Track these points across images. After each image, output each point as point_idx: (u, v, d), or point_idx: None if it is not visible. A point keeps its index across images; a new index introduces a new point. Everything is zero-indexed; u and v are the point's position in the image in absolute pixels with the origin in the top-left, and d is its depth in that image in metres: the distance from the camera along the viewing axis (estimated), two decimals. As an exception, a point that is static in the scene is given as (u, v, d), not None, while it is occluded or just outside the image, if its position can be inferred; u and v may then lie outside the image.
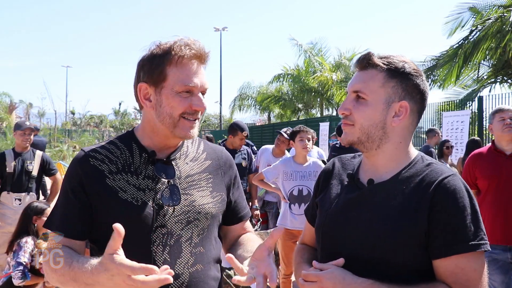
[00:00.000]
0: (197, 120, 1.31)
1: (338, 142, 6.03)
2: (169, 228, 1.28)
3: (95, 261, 1.12)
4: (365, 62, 1.25)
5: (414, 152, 1.29)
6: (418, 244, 1.15)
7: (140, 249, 1.23)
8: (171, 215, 1.28)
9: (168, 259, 1.25)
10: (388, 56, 1.25)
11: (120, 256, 1.05)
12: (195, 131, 1.32)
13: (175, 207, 1.29)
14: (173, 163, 1.35)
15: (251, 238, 1.47)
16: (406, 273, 1.15)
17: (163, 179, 1.31)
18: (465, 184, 1.19)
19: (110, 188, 1.28)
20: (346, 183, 1.32)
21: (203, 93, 1.31)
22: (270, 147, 5.64)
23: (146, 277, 1.03)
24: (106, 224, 1.25)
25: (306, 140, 4.05)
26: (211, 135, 10.90)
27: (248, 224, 1.56)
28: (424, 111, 1.31)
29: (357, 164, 1.37)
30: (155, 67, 1.27)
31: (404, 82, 1.22)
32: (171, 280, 1.03)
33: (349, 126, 1.26)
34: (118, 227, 1.05)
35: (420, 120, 1.32)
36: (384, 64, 1.23)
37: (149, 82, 1.29)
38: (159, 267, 1.21)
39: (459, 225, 1.12)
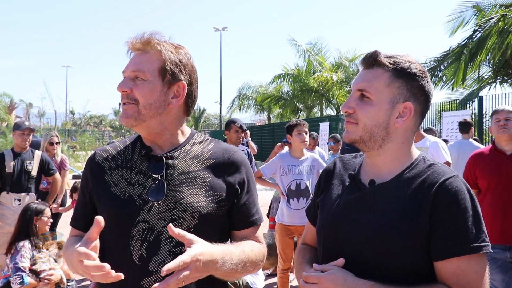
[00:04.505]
0: (127, 104, 1.30)
1: None
2: (151, 224, 1.27)
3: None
4: (371, 60, 1.23)
5: (416, 153, 1.27)
6: (419, 246, 1.13)
7: (120, 242, 1.27)
8: (155, 211, 1.28)
9: (144, 255, 1.24)
10: (394, 55, 1.23)
11: (82, 243, 1.17)
12: (128, 115, 1.30)
13: (159, 203, 1.28)
14: (169, 160, 1.34)
15: (247, 242, 1.37)
16: (407, 274, 1.14)
17: (154, 175, 1.32)
18: (467, 185, 1.17)
19: (106, 182, 1.34)
20: (347, 183, 1.31)
21: (137, 77, 1.31)
22: (285, 150, 5.47)
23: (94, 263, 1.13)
24: (97, 212, 1.35)
25: (304, 133, 4.02)
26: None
27: (259, 232, 1.43)
28: (424, 111, 1.30)
29: (359, 164, 1.35)
30: None
31: (410, 83, 1.21)
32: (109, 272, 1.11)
33: (352, 125, 1.24)
34: (99, 219, 1.17)
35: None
36: (390, 63, 1.21)
37: None
38: (135, 261, 1.24)
39: (460, 227, 1.11)
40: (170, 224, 1.13)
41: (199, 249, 1.13)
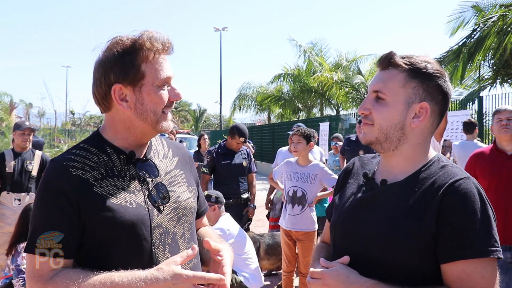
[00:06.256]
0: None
1: (352, 136, 6.14)
2: (164, 227, 1.27)
3: (143, 272, 1.14)
4: (387, 61, 1.23)
5: (432, 153, 1.26)
6: (425, 247, 1.12)
7: (142, 251, 1.21)
8: (163, 213, 1.28)
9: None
10: (410, 56, 1.22)
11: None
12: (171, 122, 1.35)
13: (165, 205, 1.29)
14: (151, 161, 1.34)
15: (209, 233, 1.53)
16: (412, 275, 1.14)
17: (148, 179, 1.30)
18: (479, 188, 1.15)
19: (100, 196, 1.20)
20: (362, 182, 1.32)
21: None
22: (285, 148, 5.72)
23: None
24: (101, 233, 1.19)
25: (297, 143, 4.03)
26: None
27: (205, 218, 1.61)
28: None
29: (376, 164, 1.36)
30: (129, 66, 1.22)
31: (426, 83, 1.20)
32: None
33: (368, 126, 1.24)
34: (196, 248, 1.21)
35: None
36: (405, 64, 1.20)
37: (124, 82, 1.23)
38: None
39: (467, 229, 1.09)
40: (208, 240, 1.32)
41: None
